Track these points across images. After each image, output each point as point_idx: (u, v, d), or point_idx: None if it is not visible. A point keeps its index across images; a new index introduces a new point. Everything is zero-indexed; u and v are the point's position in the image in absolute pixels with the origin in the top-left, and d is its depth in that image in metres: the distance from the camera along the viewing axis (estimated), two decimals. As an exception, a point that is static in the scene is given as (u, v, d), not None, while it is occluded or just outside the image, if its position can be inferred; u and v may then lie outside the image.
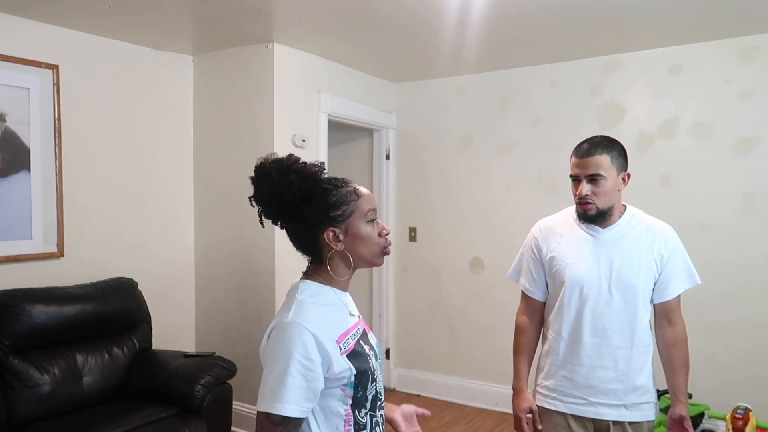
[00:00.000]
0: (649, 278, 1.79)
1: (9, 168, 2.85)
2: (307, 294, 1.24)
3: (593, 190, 1.76)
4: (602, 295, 1.79)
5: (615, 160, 1.77)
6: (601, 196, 1.76)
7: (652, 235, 1.82)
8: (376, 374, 1.30)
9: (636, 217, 1.86)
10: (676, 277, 1.81)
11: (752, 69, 3.21)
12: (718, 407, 3.18)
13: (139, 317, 3.11)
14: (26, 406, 2.55)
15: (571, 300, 1.83)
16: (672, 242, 1.82)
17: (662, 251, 1.79)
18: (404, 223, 4.41)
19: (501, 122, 4.00)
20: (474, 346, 4.07)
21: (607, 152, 1.76)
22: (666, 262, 1.79)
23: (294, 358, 1.14)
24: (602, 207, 1.77)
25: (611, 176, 1.76)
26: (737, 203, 3.26)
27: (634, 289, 1.78)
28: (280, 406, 1.13)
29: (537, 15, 2.89)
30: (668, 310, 1.82)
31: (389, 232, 1.33)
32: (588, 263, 1.81)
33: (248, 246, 3.49)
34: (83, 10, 2.82)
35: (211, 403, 2.81)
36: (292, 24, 3.06)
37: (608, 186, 1.76)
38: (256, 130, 3.44)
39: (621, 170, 1.79)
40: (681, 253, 1.83)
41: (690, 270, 1.84)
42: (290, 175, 1.22)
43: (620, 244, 1.81)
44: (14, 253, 2.88)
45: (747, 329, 3.24)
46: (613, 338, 1.79)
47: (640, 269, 1.78)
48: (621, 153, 1.80)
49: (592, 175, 1.75)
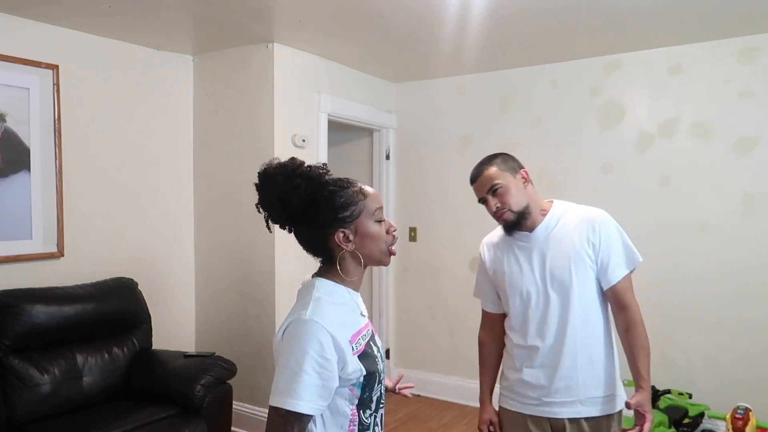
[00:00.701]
0: (583, 270, 1.77)
1: (9, 168, 2.85)
2: (323, 292, 1.25)
3: (500, 200, 1.80)
4: (541, 297, 1.81)
5: (502, 165, 1.83)
6: (510, 200, 1.78)
7: (583, 224, 1.80)
8: (382, 376, 1.31)
9: (566, 211, 1.85)
10: (614, 261, 1.78)
11: (752, 69, 3.21)
12: (718, 407, 3.19)
13: (139, 317, 3.11)
14: (26, 406, 2.55)
15: (515, 307, 1.87)
16: (600, 227, 1.79)
17: (591, 239, 1.77)
18: (404, 223, 4.41)
19: (501, 122, 4.00)
20: (474, 346, 4.03)
21: (490, 164, 1.83)
22: (599, 248, 1.77)
23: (310, 355, 1.14)
24: (518, 209, 1.79)
25: (508, 180, 1.80)
26: (737, 203, 3.26)
27: (567, 284, 1.77)
28: (292, 402, 1.13)
29: (537, 15, 2.89)
30: (617, 295, 1.79)
31: (396, 229, 1.34)
32: (523, 269, 1.84)
33: (248, 246, 3.49)
34: (83, 10, 2.82)
35: (211, 403, 2.81)
36: (292, 24, 3.06)
37: (510, 189, 1.79)
38: (256, 130, 3.44)
39: (514, 171, 1.83)
40: (615, 236, 1.80)
41: (628, 251, 1.81)
42: (296, 179, 1.23)
43: (550, 242, 1.81)
44: (14, 253, 2.88)
45: (747, 329, 3.24)
46: (558, 336, 1.79)
47: (570, 264, 1.77)
48: (505, 158, 1.85)
49: (490, 188, 1.80)
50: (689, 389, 3.32)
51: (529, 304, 1.82)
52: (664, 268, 3.43)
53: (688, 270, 3.39)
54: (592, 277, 1.79)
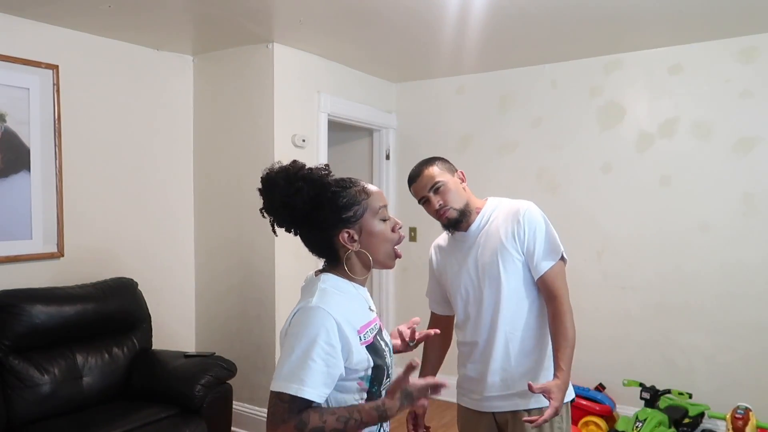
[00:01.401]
0: (511, 263, 1.79)
1: (9, 168, 2.85)
2: (329, 284, 1.26)
3: (442, 197, 1.82)
4: (476, 293, 1.84)
5: (441, 166, 1.85)
6: (452, 198, 1.81)
7: (509, 218, 1.82)
8: (390, 371, 1.32)
9: (497, 207, 1.87)
10: (538, 253, 1.77)
11: (752, 69, 3.21)
12: (718, 407, 3.19)
13: (139, 317, 3.10)
14: (26, 406, 2.55)
15: (457, 306, 1.91)
16: (524, 218, 1.79)
17: (516, 231, 1.78)
18: (404, 223, 4.37)
19: (501, 122, 3.99)
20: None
21: (430, 164, 1.85)
22: (525, 239, 1.78)
23: (316, 342, 1.14)
24: (459, 206, 1.82)
25: (448, 179, 1.83)
26: (737, 203, 3.26)
27: (497, 279, 1.79)
28: (296, 387, 1.13)
29: (537, 15, 2.89)
30: (545, 285, 1.78)
31: (402, 226, 1.35)
32: (461, 268, 1.87)
33: (248, 246, 3.49)
34: (83, 10, 2.82)
35: (211, 403, 2.81)
36: (292, 24, 3.06)
37: (451, 187, 1.82)
38: (256, 130, 3.44)
39: (452, 172, 1.87)
40: (540, 227, 1.79)
41: (551, 242, 1.79)
42: (298, 182, 1.23)
43: (481, 239, 1.84)
44: (14, 253, 2.87)
45: (747, 329, 3.24)
46: (491, 331, 1.81)
47: (498, 258, 1.79)
48: (442, 160, 1.88)
49: (432, 186, 1.82)
50: (689, 389, 3.32)
51: (468, 301, 1.86)
52: (664, 268, 3.43)
53: (688, 270, 3.38)
54: (521, 270, 1.80)
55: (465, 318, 1.89)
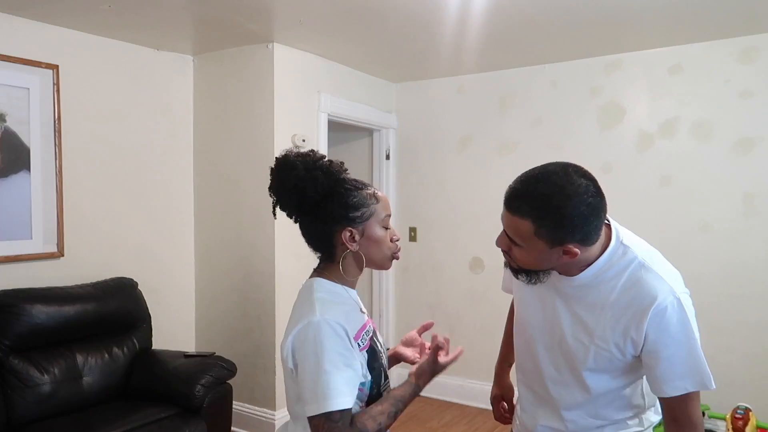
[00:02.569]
0: (607, 361, 1.27)
1: (9, 168, 2.85)
2: (323, 291, 1.26)
3: (510, 247, 1.24)
4: (545, 352, 1.38)
5: (544, 230, 1.14)
6: (521, 262, 1.25)
7: (633, 303, 1.20)
8: (387, 371, 1.34)
9: (613, 262, 1.23)
10: (661, 373, 1.21)
11: (752, 69, 3.21)
12: (718, 407, 3.18)
13: (139, 317, 3.11)
14: (26, 406, 2.55)
15: (517, 338, 1.49)
16: (651, 323, 1.18)
17: (631, 330, 1.21)
18: (404, 223, 4.41)
19: (501, 122, 4.00)
20: (474, 346, 4.07)
21: (529, 215, 1.14)
22: (640, 348, 1.22)
23: (338, 352, 1.16)
24: (530, 268, 1.26)
25: (534, 248, 1.18)
26: (737, 203, 3.26)
27: (576, 371, 1.32)
28: (339, 401, 1.13)
29: (537, 15, 2.89)
30: (669, 409, 1.25)
31: (399, 239, 1.36)
32: (542, 309, 1.37)
33: (248, 246, 3.49)
34: (83, 10, 2.82)
35: (211, 403, 2.81)
36: (292, 24, 3.06)
37: (528, 257, 1.22)
38: (256, 130, 3.44)
39: (552, 243, 1.16)
40: (671, 345, 1.19)
41: (695, 365, 1.21)
42: (317, 171, 1.25)
43: (583, 291, 1.27)
44: (14, 253, 2.87)
45: (747, 329, 3.24)
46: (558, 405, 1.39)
47: (591, 347, 1.27)
48: (562, 222, 1.13)
49: (508, 235, 1.23)
50: (689, 389, 3.31)
51: (529, 352, 1.42)
52: (664, 268, 3.43)
53: (688, 270, 3.34)
54: (621, 366, 1.27)
55: (522, 362, 1.47)
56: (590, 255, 1.22)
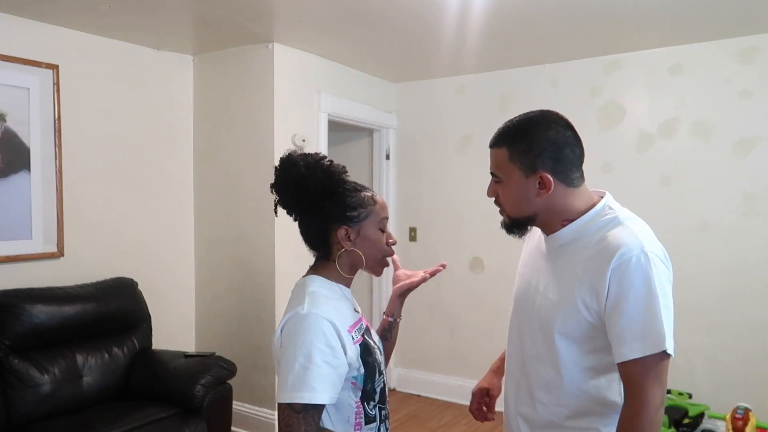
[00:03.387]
0: (575, 323, 1.22)
1: (9, 168, 2.85)
2: (316, 287, 1.27)
3: (499, 195, 1.30)
4: (527, 322, 1.36)
5: (516, 154, 1.23)
6: (507, 201, 1.28)
7: (600, 255, 1.19)
8: (382, 367, 1.34)
9: (595, 219, 1.25)
10: (620, 332, 1.16)
11: (752, 69, 3.21)
12: (718, 407, 3.19)
13: (139, 317, 3.11)
14: (26, 406, 2.55)
15: (510, 318, 1.45)
16: (615, 271, 1.16)
17: (596, 281, 1.18)
18: (404, 223, 4.41)
19: (501, 122, 3.94)
20: (474, 346, 4.07)
21: (500, 144, 1.27)
22: (604, 302, 1.17)
23: (316, 347, 1.15)
24: (514, 215, 1.28)
25: (511, 178, 1.24)
26: (737, 203, 3.26)
27: (549, 340, 1.27)
28: (308, 395, 1.13)
29: (537, 15, 2.89)
30: (625, 378, 1.19)
31: (396, 242, 1.38)
32: (529, 275, 1.39)
33: (248, 246, 3.49)
34: (83, 10, 2.82)
35: (211, 403, 2.81)
36: (292, 24, 3.06)
37: (509, 194, 1.26)
38: (256, 130, 3.44)
39: (527, 170, 1.22)
40: (633, 294, 1.16)
41: (650, 326, 1.18)
42: (317, 170, 1.28)
43: (558, 257, 1.29)
44: (14, 253, 2.88)
45: (747, 329, 3.24)
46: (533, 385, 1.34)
47: (558, 310, 1.24)
48: (531, 145, 1.22)
49: (491, 173, 1.30)
50: (689, 389, 3.32)
51: (519, 325, 1.39)
52: (664, 268, 3.43)
53: (688, 270, 3.38)
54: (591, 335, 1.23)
55: (510, 341, 1.45)
56: (572, 206, 1.26)
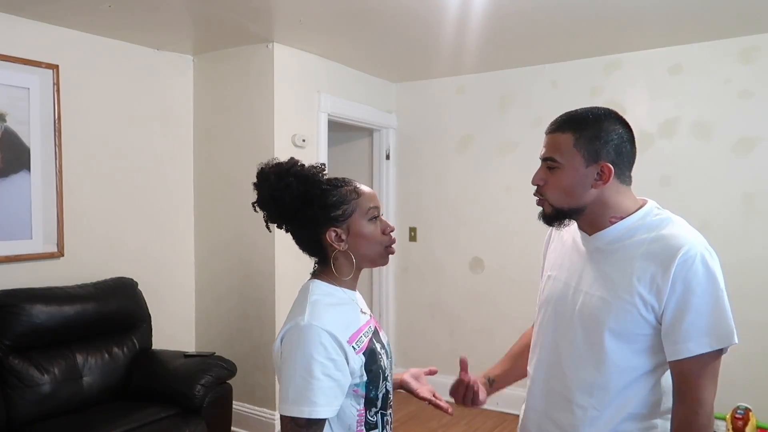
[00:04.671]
0: (630, 323, 1.21)
1: (9, 168, 2.85)
2: (318, 294, 1.25)
3: (547, 182, 1.29)
4: (564, 323, 1.32)
5: (582, 140, 1.24)
6: (554, 191, 1.28)
7: (659, 253, 1.20)
8: (386, 373, 1.30)
9: (646, 218, 1.28)
10: (682, 329, 1.16)
11: (752, 69, 3.21)
12: (718, 407, 3.15)
13: (139, 317, 3.11)
14: (26, 406, 2.55)
15: (540, 322, 1.41)
16: (678, 270, 1.16)
17: (657, 278, 1.18)
18: (404, 223, 4.41)
19: (501, 122, 4.00)
20: (474, 346, 4.07)
21: (570, 128, 1.26)
22: (664, 300, 1.18)
23: (316, 360, 1.14)
24: (557, 205, 1.29)
25: (571, 164, 1.25)
26: (737, 203, 3.26)
27: (600, 326, 1.23)
28: (310, 410, 1.13)
29: (537, 15, 2.89)
30: (680, 377, 1.20)
31: (393, 230, 1.32)
32: (565, 277, 1.35)
33: (248, 246, 3.49)
34: (83, 10, 2.82)
35: (211, 403, 2.81)
36: (292, 24, 3.06)
37: (563, 181, 1.26)
38: (256, 130, 3.44)
39: (589, 159, 1.24)
40: (697, 294, 1.16)
41: (710, 321, 1.16)
42: (288, 178, 1.24)
43: (608, 255, 1.27)
44: (14, 253, 2.87)
45: (747, 329, 3.21)
46: (570, 388, 1.28)
47: (612, 304, 1.22)
48: (599, 134, 1.25)
49: (547, 158, 1.28)
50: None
51: (556, 325, 1.34)
52: (664, 268, 3.43)
53: (688, 270, 3.39)
54: (644, 337, 1.21)
55: (538, 343, 1.41)
56: (622, 203, 1.30)
